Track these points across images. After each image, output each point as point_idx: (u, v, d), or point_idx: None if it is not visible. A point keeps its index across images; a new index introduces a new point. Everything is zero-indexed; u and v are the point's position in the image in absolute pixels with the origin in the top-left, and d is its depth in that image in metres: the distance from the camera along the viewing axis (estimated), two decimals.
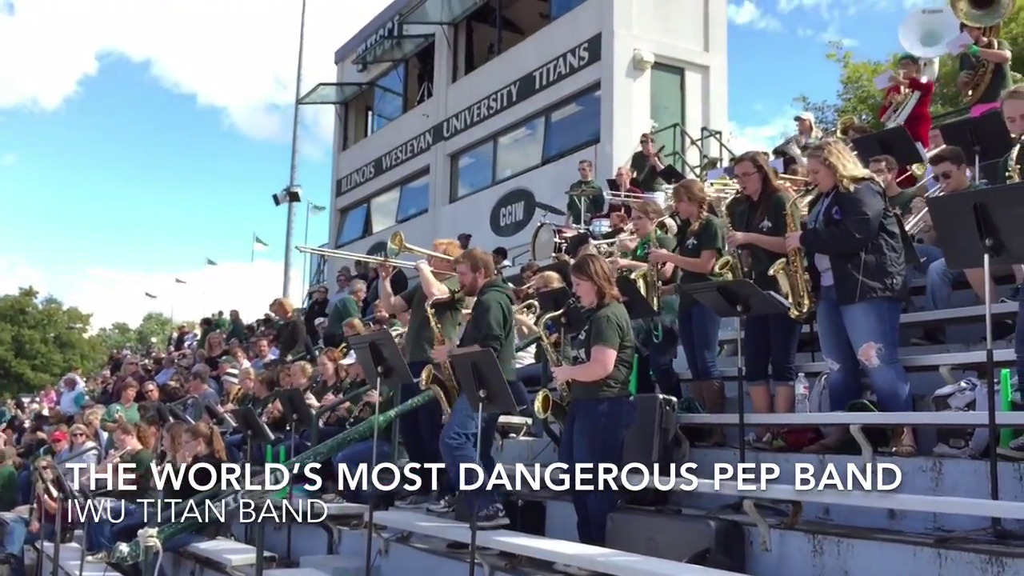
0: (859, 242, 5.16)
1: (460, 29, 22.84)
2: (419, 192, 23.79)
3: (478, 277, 6.35)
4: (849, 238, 5.17)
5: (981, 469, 4.26)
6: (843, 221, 5.20)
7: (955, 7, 9.54)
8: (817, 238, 5.33)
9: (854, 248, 5.18)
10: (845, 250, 5.21)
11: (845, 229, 5.18)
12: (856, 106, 26.05)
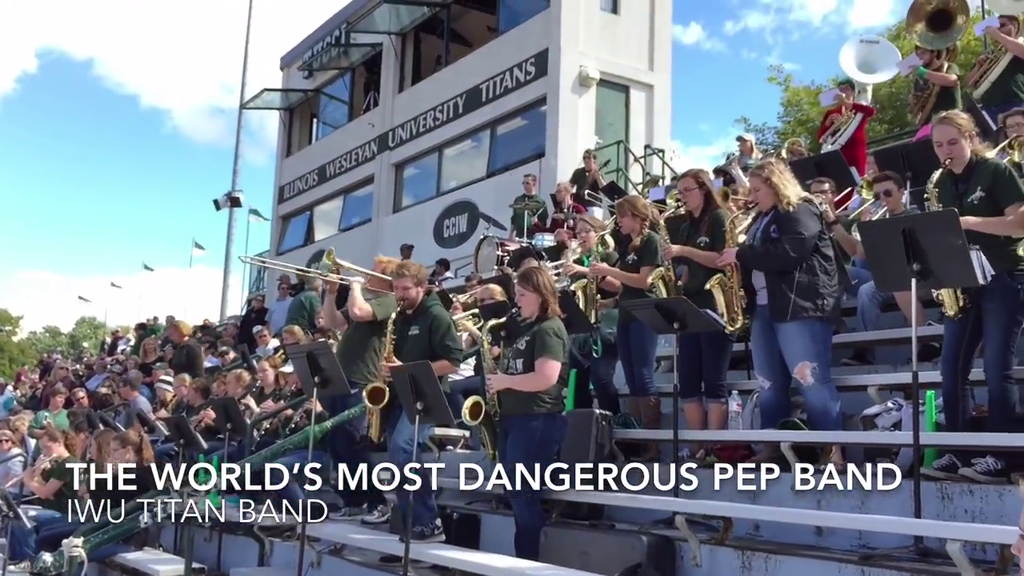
0: (794, 261, 5.25)
1: (408, 39, 22.83)
2: (363, 201, 23.66)
3: (419, 291, 6.35)
4: (784, 256, 5.26)
5: (906, 488, 4.35)
6: (780, 239, 5.29)
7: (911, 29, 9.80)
8: (753, 254, 5.41)
9: (788, 266, 5.27)
10: (779, 267, 5.29)
11: (781, 247, 5.26)
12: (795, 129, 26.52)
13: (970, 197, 4.68)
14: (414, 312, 6.33)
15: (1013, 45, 8.41)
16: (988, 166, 4.77)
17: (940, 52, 9.30)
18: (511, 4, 20.42)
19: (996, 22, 8.73)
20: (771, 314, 5.33)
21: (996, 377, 4.58)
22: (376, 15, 22.12)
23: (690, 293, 5.88)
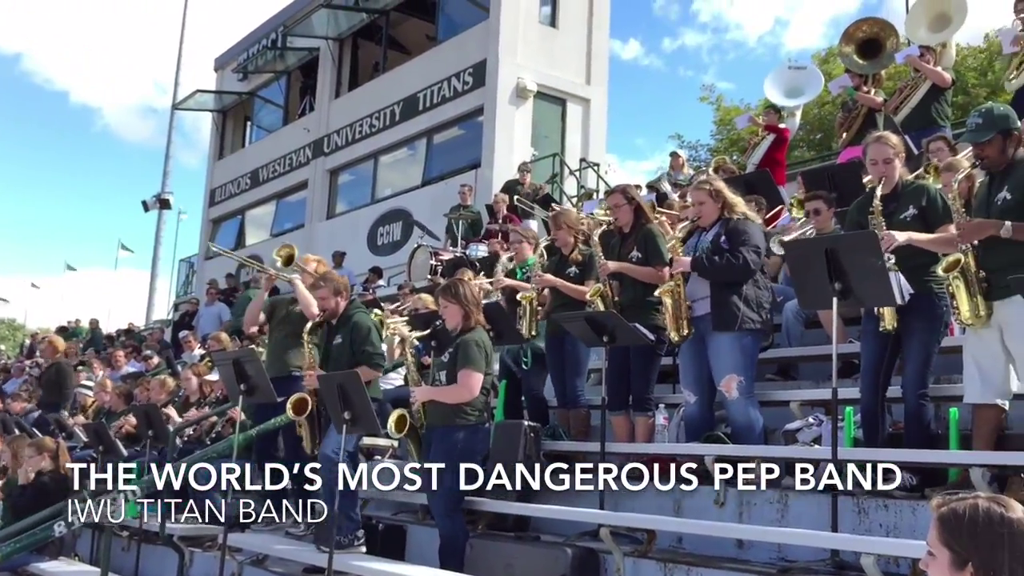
0: (750, 273, 5.33)
1: (346, 45, 22.68)
2: (296, 206, 23.40)
3: (340, 301, 6.28)
4: (744, 267, 5.30)
5: (824, 502, 4.45)
6: (737, 251, 5.33)
7: (842, 52, 10.09)
8: (711, 265, 5.38)
9: (744, 278, 5.33)
10: (736, 278, 5.33)
11: (741, 258, 5.30)
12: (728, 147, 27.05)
13: (901, 215, 4.80)
14: (337, 322, 6.28)
15: (932, 73, 8.71)
16: (920, 187, 4.92)
17: (868, 77, 9.60)
18: (450, 14, 20.43)
19: (916, 51, 9.05)
20: (715, 324, 5.35)
21: (913, 395, 4.71)
22: (314, 19, 21.93)
23: (623, 307, 5.93)
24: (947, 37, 9.45)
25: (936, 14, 9.48)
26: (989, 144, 4.40)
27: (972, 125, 4.52)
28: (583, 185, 17.62)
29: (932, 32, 9.41)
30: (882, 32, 9.86)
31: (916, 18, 9.76)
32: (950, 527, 2.00)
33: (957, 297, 4.33)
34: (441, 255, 13.40)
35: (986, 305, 4.30)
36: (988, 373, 4.34)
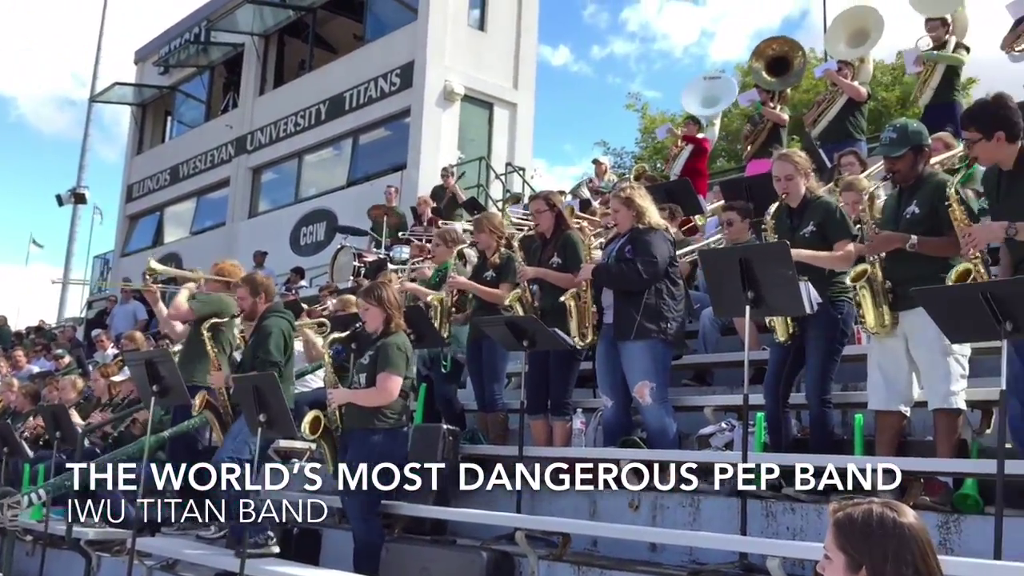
0: (645, 282, 5.40)
1: (271, 41, 22.36)
2: (217, 204, 22.96)
3: (258, 302, 6.20)
4: (636, 277, 5.39)
5: (734, 506, 4.55)
6: (634, 260, 5.42)
7: (752, 69, 10.35)
8: (608, 273, 5.50)
9: (639, 287, 5.41)
10: (630, 287, 5.43)
11: (634, 267, 5.39)
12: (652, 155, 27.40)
13: (803, 231, 4.95)
14: (255, 324, 6.20)
15: (848, 87, 8.99)
16: (821, 204, 5.07)
17: (775, 94, 9.89)
18: (378, 14, 20.31)
19: (834, 65, 9.33)
20: (616, 333, 5.46)
21: (816, 401, 4.85)
22: (239, 14, 21.56)
23: (543, 312, 5.97)
24: (865, 52, 9.77)
25: (854, 30, 9.80)
26: (901, 159, 4.55)
27: (886, 139, 4.67)
28: (508, 189, 17.69)
29: (850, 47, 9.72)
30: (791, 51, 10.19)
31: (835, 33, 10.08)
32: (845, 531, 2.07)
33: (864, 306, 4.48)
34: (365, 256, 13.31)
35: (891, 315, 4.45)
36: (892, 380, 4.49)
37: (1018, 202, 4.02)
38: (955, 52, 8.64)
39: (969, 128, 4.18)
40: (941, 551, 3.85)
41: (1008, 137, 4.05)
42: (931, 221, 4.43)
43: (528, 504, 5.45)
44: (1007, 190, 4.10)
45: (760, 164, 9.55)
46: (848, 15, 9.97)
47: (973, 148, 4.23)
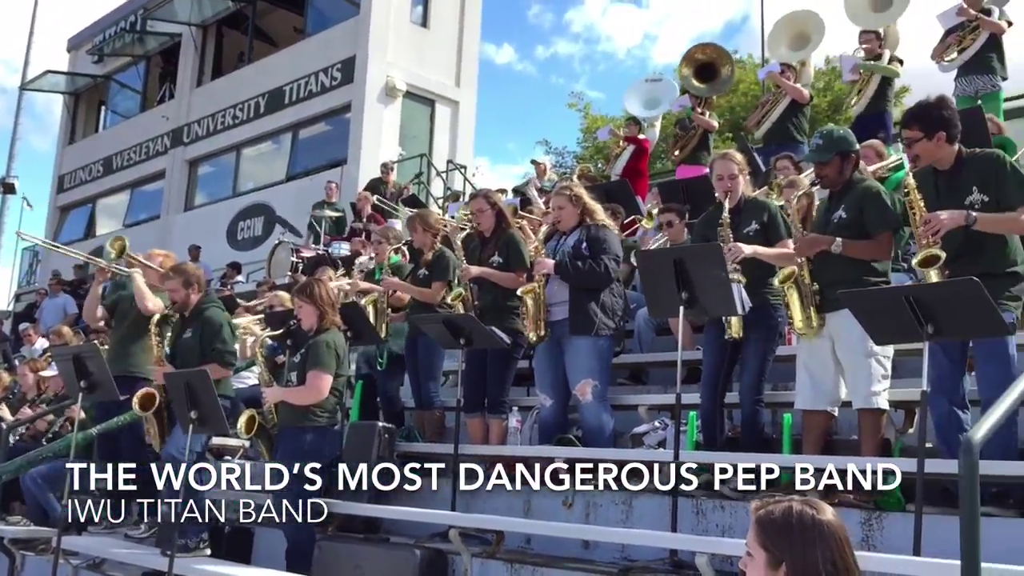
0: (609, 280, 5.46)
1: (209, 32, 22.00)
2: (152, 197, 22.52)
3: (191, 293, 6.10)
4: (604, 275, 5.43)
5: (666, 504, 4.60)
6: (599, 258, 5.44)
7: (681, 72, 10.48)
8: (576, 270, 5.47)
9: (603, 284, 5.46)
10: (596, 285, 5.45)
11: (603, 265, 5.42)
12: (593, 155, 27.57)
13: (745, 229, 5.03)
14: (188, 316, 6.10)
15: (791, 89, 9.15)
16: (761, 204, 5.17)
17: (702, 100, 10.04)
18: (320, 7, 20.11)
19: (777, 68, 9.49)
20: (572, 329, 5.46)
21: (750, 401, 4.95)
22: (176, 4, 21.19)
23: (482, 311, 5.98)
24: (806, 55, 9.96)
25: (796, 33, 9.98)
26: (828, 164, 4.65)
27: (814, 145, 4.78)
28: (449, 187, 17.66)
29: (792, 50, 9.90)
30: (719, 58, 10.36)
31: (777, 37, 10.24)
32: (766, 529, 2.11)
33: (791, 307, 4.58)
34: (303, 252, 13.17)
35: (818, 316, 4.55)
36: (819, 381, 4.60)
37: (958, 199, 4.13)
38: (890, 64, 8.86)
39: (912, 127, 4.26)
40: (864, 547, 3.98)
41: (948, 138, 4.18)
42: (857, 225, 4.54)
43: (463, 502, 5.45)
44: (946, 189, 4.21)
45: (689, 169, 9.73)
46: (790, 19, 10.14)
47: (914, 147, 4.29)
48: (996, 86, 8.22)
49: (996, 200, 4.09)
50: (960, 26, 8.31)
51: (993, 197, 4.09)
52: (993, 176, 4.11)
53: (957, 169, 4.21)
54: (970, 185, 4.13)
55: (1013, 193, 4.07)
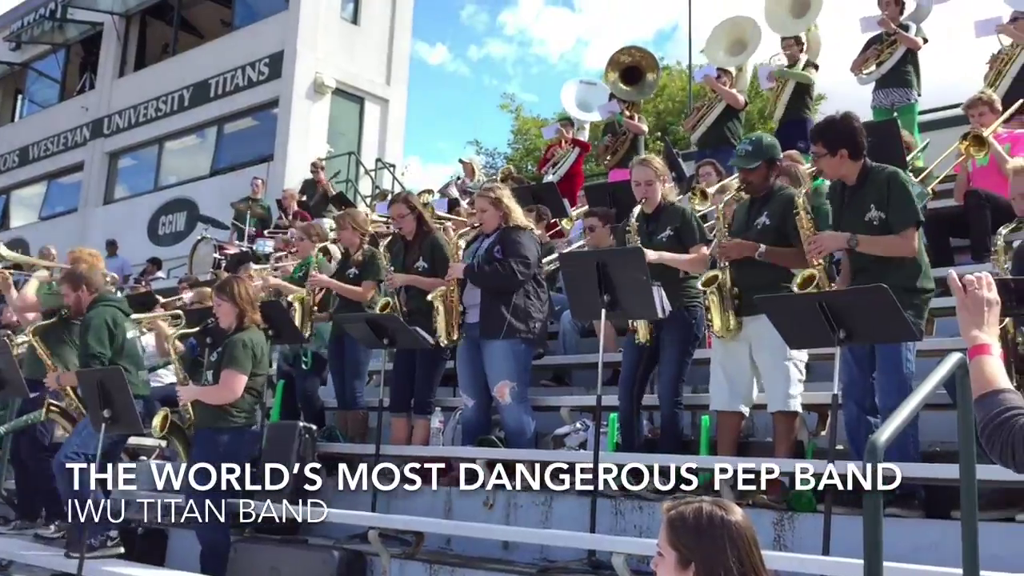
0: (518, 283, 5.45)
1: (133, 22, 21.47)
2: (70, 189, 21.89)
3: (82, 296, 5.92)
4: (511, 277, 5.43)
5: (585, 504, 4.64)
6: (507, 260, 5.45)
7: (607, 78, 10.56)
8: (482, 273, 5.50)
9: (513, 287, 5.45)
10: (504, 288, 5.46)
11: (509, 268, 5.42)
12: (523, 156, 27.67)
13: (659, 235, 5.11)
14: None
15: (727, 94, 9.28)
16: (676, 209, 5.25)
17: (630, 104, 10.14)
18: (248, 0, 19.80)
19: (714, 72, 9.62)
20: (483, 332, 5.48)
21: (669, 403, 5.02)
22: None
23: (411, 314, 5.96)
24: (743, 61, 10.12)
25: (734, 39, 10.12)
26: (755, 171, 4.75)
27: (742, 151, 4.87)
28: (378, 185, 17.54)
29: (729, 56, 10.04)
30: (644, 61, 10.44)
31: (715, 42, 10.37)
32: (676, 529, 2.14)
33: (712, 310, 4.66)
34: (226, 249, 12.94)
35: (737, 320, 4.65)
36: (734, 382, 4.70)
37: (858, 215, 4.27)
38: (804, 70, 9.06)
39: (816, 143, 4.41)
40: (775, 547, 4.07)
41: (851, 155, 4.30)
42: (779, 232, 4.65)
43: (384, 503, 5.43)
44: (849, 203, 4.35)
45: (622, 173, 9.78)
46: (728, 25, 10.27)
47: (818, 162, 4.48)
48: (912, 99, 8.48)
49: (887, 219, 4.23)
50: (878, 39, 8.55)
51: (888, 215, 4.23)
52: (887, 195, 4.24)
53: (860, 185, 4.34)
54: (868, 202, 4.28)
55: (897, 215, 4.22)
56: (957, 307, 2.04)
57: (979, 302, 2.03)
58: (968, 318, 2.04)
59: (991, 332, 2.01)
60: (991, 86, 7.55)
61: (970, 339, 2.02)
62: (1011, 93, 7.28)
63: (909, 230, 4.21)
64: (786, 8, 9.44)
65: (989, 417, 1.88)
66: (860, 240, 4.20)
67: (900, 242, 4.19)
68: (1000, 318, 2.05)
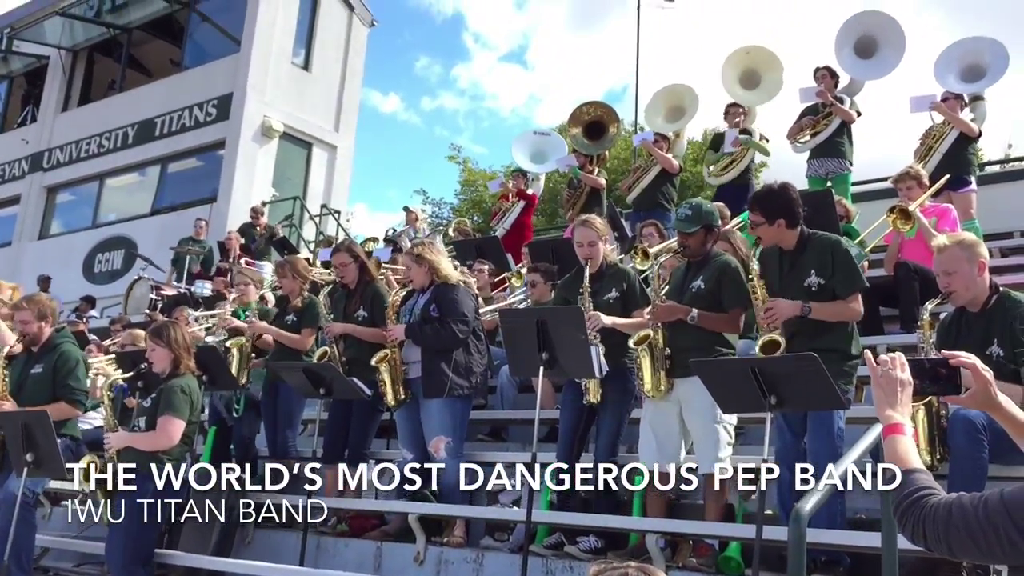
0: (460, 341, 5.47)
1: (80, 57, 21.26)
2: (4, 222, 21.37)
3: (44, 326, 5.80)
4: (452, 336, 5.44)
5: (516, 562, 4.62)
6: (445, 319, 5.47)
7: (570, 133, 10.72)
8: (422, 333, 5.51)
9: (454, 346, 5.46)
10: (445, 346, 5.46)
11: (450, 328, 5.43)
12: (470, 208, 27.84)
13: (605, 296, 5.16)
14: (39, 350, 5.78)
15: (663, 159, 9.48)
16: (620, 271, 5.32)
17: (593, 157, 10.29)
18: (199, 41, 19.76)
19: (651, 136, 9.83)
20: (425, 391, 5.46)
21: (605, 461, 5.01)
22: (46, 26, 20.44)
23: (350, 363, 5.92)
24: (680, 127, 10.36)
25: (672, 106, 10.38)
26: (693, 235, 4.83)
27: (682, 215, 4.95)
28: (322, 231, 17.48)
29: (667, 122, 10.29)
30: (606, 116, 10.64)
31: (655, 107, 10.62)
32: None
33: (642, 369, 4.70)
34: (163, 290, 12.74)
35: (667, 381, 4.69)
36: (663, 442, 4.72)
37: (798, 280, 4.37)
38: (761, 142, 9.36)
39: (755, 211, 4.52)
40: None
41: (788, 224, 4.43)
42: (713, 296, 4.74)
43: (312, 555, 5.33)
44: (789, 269, 4.45)
45: None
46: (667, 92, 10.53)
47: (756, 230, 4.59)
48: (845, 169, 8.77)
49: (831, 284, 4.35)
50: (814, 109, 8.85)
51: (828, 281, 4.36)
52: (830, 261, 4.38)
53: (800, 251, 4.47)
54: (809, 268, 4.40)
55: (843, 282, 4.36)
56: (872, 385, 2.10)
57: (892, 382, 2.10)
58: (882, 397, 2.11)
59: (904, 412, 2.07)
60: (921, 161, 7.85)
61: (884, 418, 2.08)
62: (940, 169, 7.57)
63: (855, 295, 4.35)
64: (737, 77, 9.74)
65: (902, 496, 1.93)
66: (813, 308, 4.28)
67: (847, 307, 4.32)
68: (916, 397, 2.11)
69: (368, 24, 20.46)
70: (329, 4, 19.60)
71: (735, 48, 9.99)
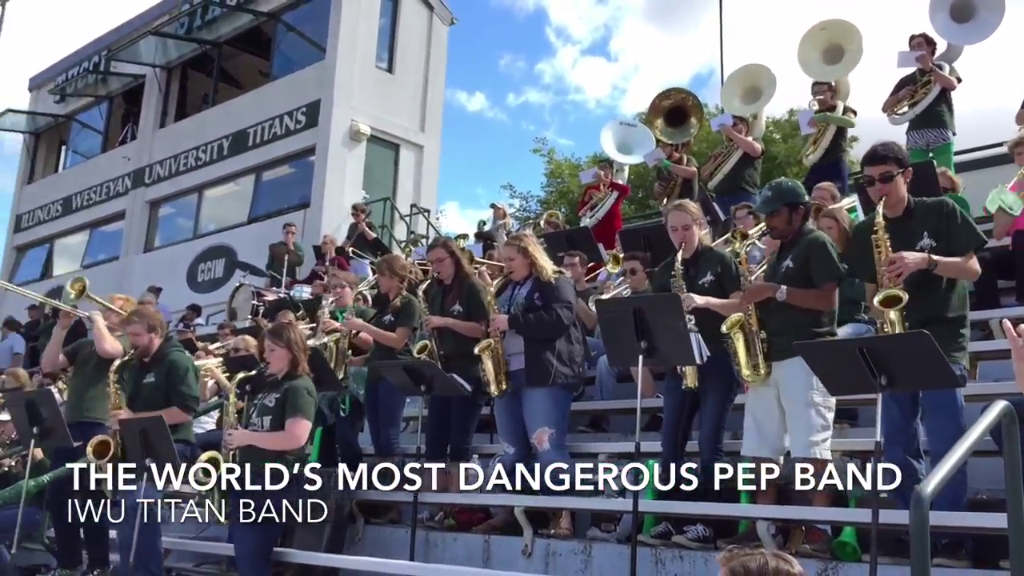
0: (563, 329, 5.48)
1: (174, 74, 21.94)
2: (111, 237, 22.26)
3: (154, 337, 6.01)
4: (557, 324, 5.45)
5: (625, 553, 4.60)
6: (550, 307, 5.47)
7: (651, 123, 10.60)
8: (526, 322, 5.51)
9: (558, 334, 5.47)
10: (549, 335, 5.47)
11: (554, 315, 5.44)
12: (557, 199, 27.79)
13: (701, 280, 5.10)
14: (150, 360, 6.00)
15: (743, 142, 9.30)
16: (715, 255, 5.24)
17: (678, 145, 10.15)
18: (286, 51, 20.16)
19: (729, 120, 9.64)
20: (529, 380, 5.47)
21: (709, 449, 4.97)
22: (141, 45, 21.13)
23: (446, 358, 5.98)
24: (758, 109, 10.14)
25: (748, 87, 10.17)
26: (776, 215, 4.74)
27: (763, 197, 4.88)
28: (413, 231, 17.69)
29: (745, 103, 10.08)
30: (684, 100, 10.47)
31: (730, 90, 10.43)
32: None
33: (737, 354, 4.62)
34: (264, 295, 13.08)
35: (766, 364, 4.60)
36: (763, 428, 4.63)
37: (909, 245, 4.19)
38: (844, 115, 9.07)
39: (887, 163, 4.27)
40: None
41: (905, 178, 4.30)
42: (803, 275, 4.62)
43: (422, 550, 5.41)
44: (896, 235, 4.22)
45: None
46: (742, 73, 10.34)
47: (885, 185, 4.27)
48: (947, 139, 8.44)
49: (947, 246, 4.19)
50: (911, 79, 8.54)
51: (944, 243, 4.19)
52: (944, 223, 4.22)
53: (907, 216, 4.31)
54: (920, 231, 4.24)
55: (963, 239, 4.20)
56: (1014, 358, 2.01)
57: None
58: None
59: None
60: None
61: None
62: None
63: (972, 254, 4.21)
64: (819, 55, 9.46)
65: None
66: (939, 262, 4.11)
67: (968, 264, 4.19)
68: None
69: (448, 22, 20.58)
70: (409, 5, 19.80)
71: (809, 27, 9.68)
